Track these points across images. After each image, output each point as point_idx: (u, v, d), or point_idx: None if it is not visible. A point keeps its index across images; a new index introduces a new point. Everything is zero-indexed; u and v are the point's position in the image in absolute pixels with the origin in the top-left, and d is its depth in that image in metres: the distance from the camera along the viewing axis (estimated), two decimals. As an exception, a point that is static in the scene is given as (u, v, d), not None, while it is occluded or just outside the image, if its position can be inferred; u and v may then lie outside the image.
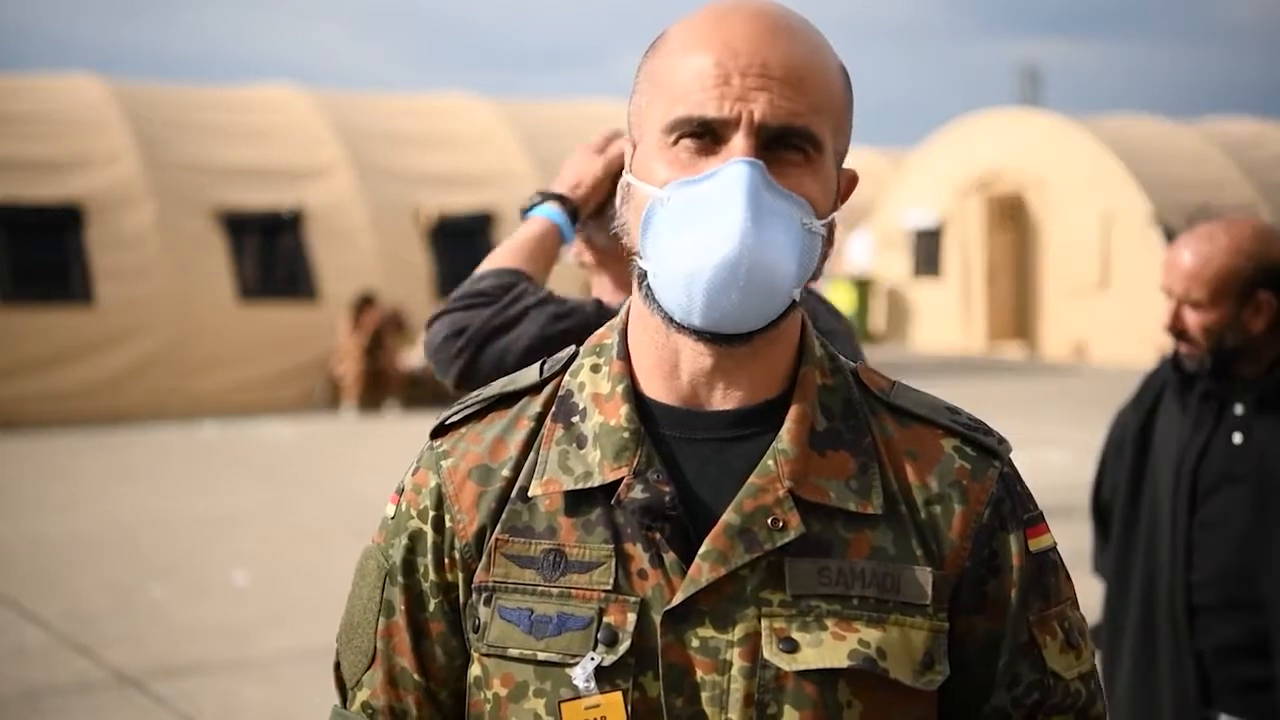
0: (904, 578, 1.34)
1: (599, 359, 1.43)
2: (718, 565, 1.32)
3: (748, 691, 1.31)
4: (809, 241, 1.33)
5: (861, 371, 1.45)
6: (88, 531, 9.79)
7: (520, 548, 1.37)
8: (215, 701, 6.12)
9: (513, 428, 1.43)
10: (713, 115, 1.31)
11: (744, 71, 1.31)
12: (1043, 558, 1.42)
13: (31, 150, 17.18)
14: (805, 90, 1.32)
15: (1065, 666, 1.41)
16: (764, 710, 1.31)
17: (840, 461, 1.37)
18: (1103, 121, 23.74)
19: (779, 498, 1.33)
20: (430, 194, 19.35)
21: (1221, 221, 3.05)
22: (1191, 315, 2.98)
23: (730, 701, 1.31)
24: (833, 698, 1.31)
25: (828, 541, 1.34)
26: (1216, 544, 3.00)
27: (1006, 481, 1.42)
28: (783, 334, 1.37)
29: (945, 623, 1.36)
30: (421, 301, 18.79)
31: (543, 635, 1.35)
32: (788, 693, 1.31)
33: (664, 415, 1.38)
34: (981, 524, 1.38)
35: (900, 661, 1.33)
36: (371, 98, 21.44)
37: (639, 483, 1.34)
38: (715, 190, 1.30)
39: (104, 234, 17.02)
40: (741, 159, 1.29)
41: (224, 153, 18.42)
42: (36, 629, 7.23)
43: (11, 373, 15.99)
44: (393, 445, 14.20)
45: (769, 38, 1.33)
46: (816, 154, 1.33)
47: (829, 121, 1.35)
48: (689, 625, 1.32)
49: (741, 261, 1.28)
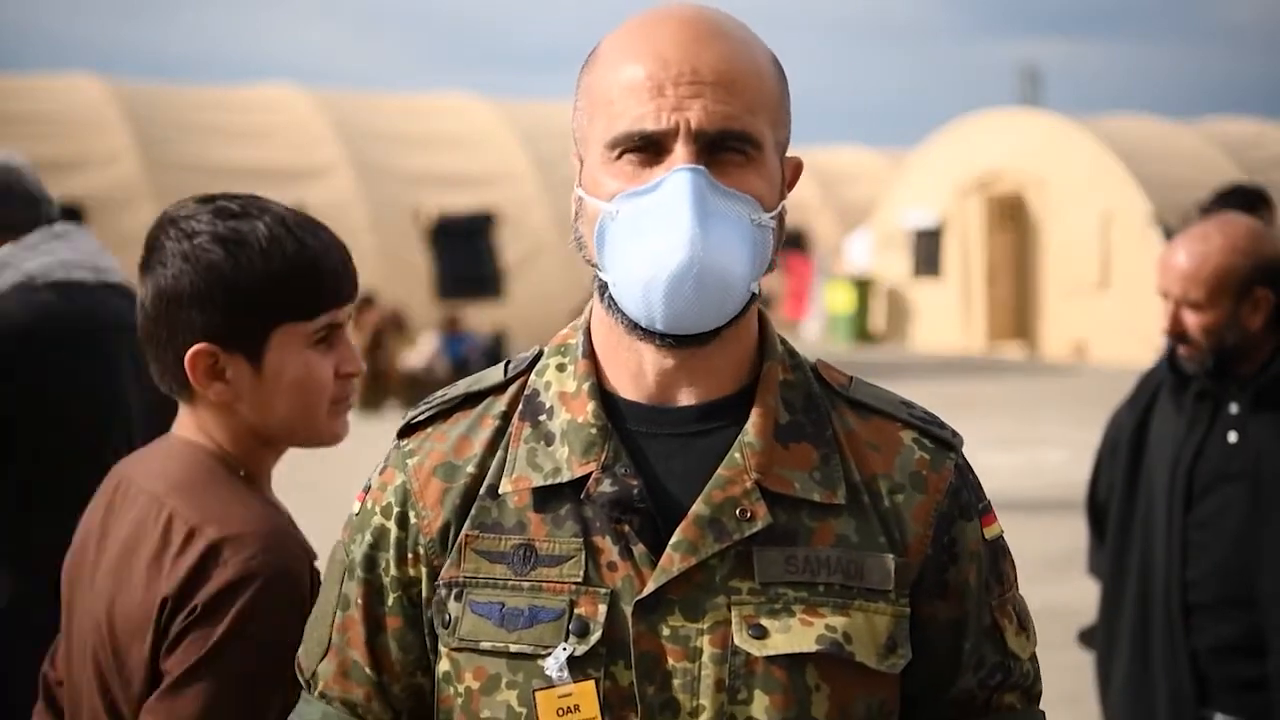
0: (867, 565, 1.39)
1: (564, 358, 1.46)
2: (688, 555, 1.35)
3: (718, 677, 1.35)
4: (760, 235, 1.37)
5: (821, 367, 1.49)
6: (88, 531, 9.78)
7: (490, 543, 1.40)
8: (215, 701, 6.11)
9: (477, 426, 1.46)
10: (651, 129, 1.34)
11: (676, 80, 1.34)
12: (996, 545, 1.48)
13: (31, 150, 17.12)
14: (738, 91, 1.35)
15: (1021, 648, 1.48)
16: (734, 695, 1.35)
17: (803, 453, 1.41)
18: (1103, 121, 23.76)
19: (746, 489, 1.37)
20: (430, 194, 19.38)
21: (1215, 221, 3.05)
22: (1191, 316, 2.99)
23: (701, 688, 1.35)
24: (801, 681, 1.36)
25: (794, 531, 1.38)
26: (1212, 543, 3.01)
27: (961, 472, 1.47)
28: (743, 330, 1.42)
29: (907, 608, 1.41)
30: (421, 301, 18.82)
31: (514, 628, 1.37)
32: (757, 677, 1.35)
33: (630, 412, 1.42)
34: (941, 512, 1.43)
35: (865, 645, 1.37)
36: (371, 98, 21.47)
37: (607, 477, 1.38)
38: (662, 199, 1.33)
39: (104, 234, 16.92)
40: (684, 166, 1.33)
41: (224, 153, 18.45)
42: (37, 629, 7.23)
43: (11, 373, 15.99)
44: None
45: (698, 43, 1.36)
46: (757, 152, 1.37)
47: (765, 117, 1.38)
48: (660, 615, 1.36)
49: (694, 265, 1.31)
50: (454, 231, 19.41)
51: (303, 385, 1.79)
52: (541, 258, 19.44)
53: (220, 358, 1.77)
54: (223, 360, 1.77)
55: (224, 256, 1.75)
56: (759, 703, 1.35)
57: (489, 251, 19.71)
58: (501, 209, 19.78)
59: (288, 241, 1.78)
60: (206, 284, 1.75)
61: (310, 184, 18.72)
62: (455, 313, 18.65)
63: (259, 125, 19.29)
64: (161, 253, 1.79)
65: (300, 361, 1.79)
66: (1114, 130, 23.14)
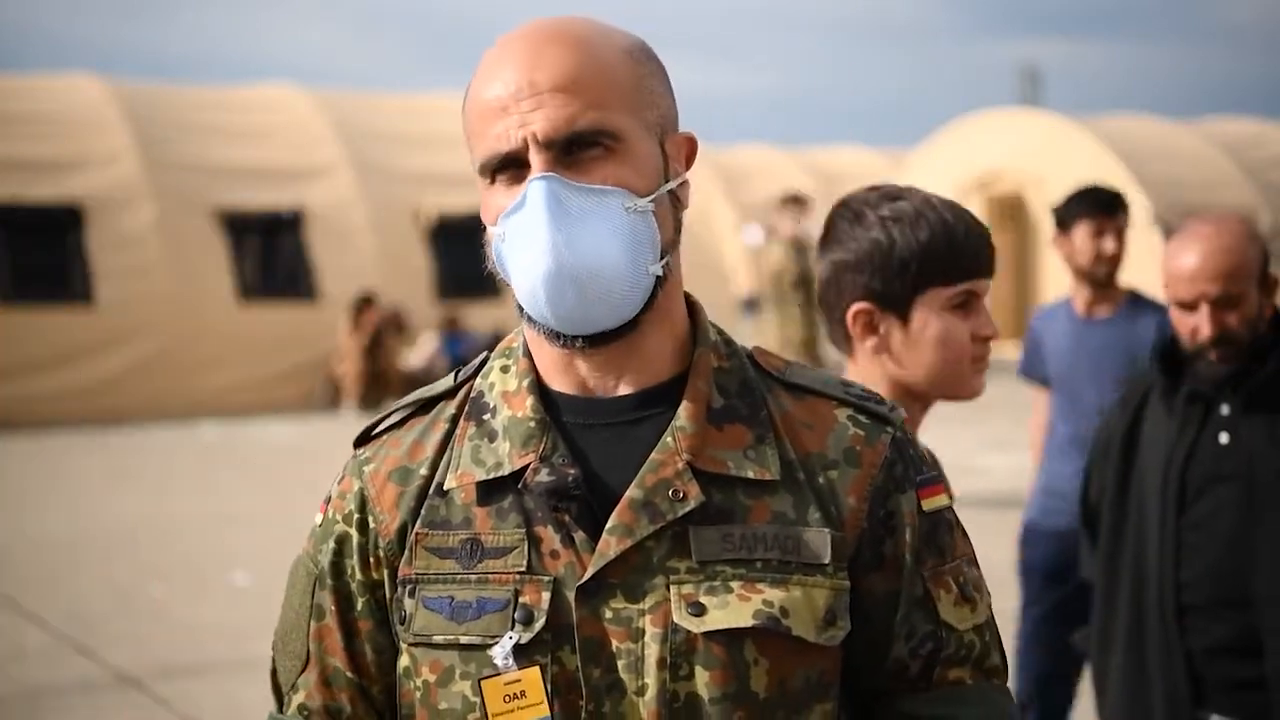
0: (804, 539, 1.42)
1: (508, 360, 1.52)
2: (624, 538, 1.40)
3: (660, 655, 1.39)
4: (640, 221, 1.41)
5: (757, 354, 1.53)
6: (88, 531, 9.81)
7: (439, 540, 1.45)
8: (215, 701, 6.13)
9: (429, 430, 1.51)
10: (505, 149, 1.41)
11: (517, 97, 1.40)
12: (936, 516, 1.50)
13: (31, 150, 17.19)
14: (582, 90, 1.39)
15: (959, 619, 1.49)
16: (676, 672, 1.39)
17: (737, 434, 1.45)
18: (1103, 121, 23.74)
19: (678, 470, 1.41)
20: (430, 194, 19.36)
21: (1202, 220, 3.05)
22: (1229, 315, 2.96)
23: (645, 667, 1.39)
24: (740, 656, 1.39)
25: (729, 510, 1.42)
26: (1206, 544, 3.01)
27: (899, 445, 1.49)
28: (665, 318, 1.46)
29: (846, 581, 1.44)
30: (421, 301, 18.80)
31: (464, 620, 1.42)
32: (698, 654, 1.39)
33: (567, 405, 1.47)
34: (876, 486, 1.46)
35: (803, 619, 1.41)
36: (371, 98, 21.45)
37: (544, 467, 1.42)
38: (526, 211, 1.39)
39: (104, 234, 17.02)
40: (535, 176, 1.39)
41: (224, 153, 18.43)
42: (37, 629, 7.24)
43: (12, 373, 16.00)
44: (393, 445, 14.18)
45: (533, 55, 1.41)
46: (616, 143, 1.40)
47: (621, 106, 1.41)
48: (601, 599, 1.40)
49: (559, 269, 1.37)
50: (454, 231, 19.38)
51: (943, 343, 2.10)
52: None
53: (875, 315, 2.13)
54: (877, 318, 2.13)
55: (883, 231, 2.10)
56: (700, 678, 1.38)
57: (489, 251, 19.69)
58: (501, 209, 19.77)
59: (935, 219, 2.08)
60: (868, 253, 2.10)
61: (310, 184, 18.71)
62: (455, 313, 18.65)
63: (259, 125, 19.27)
64: (835, 230, 2.17)
65: (941, 322, 2.10)
66: (1114, 130, 23.13)
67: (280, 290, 18.08)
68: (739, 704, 1.39)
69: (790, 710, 1.41)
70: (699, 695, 1.38)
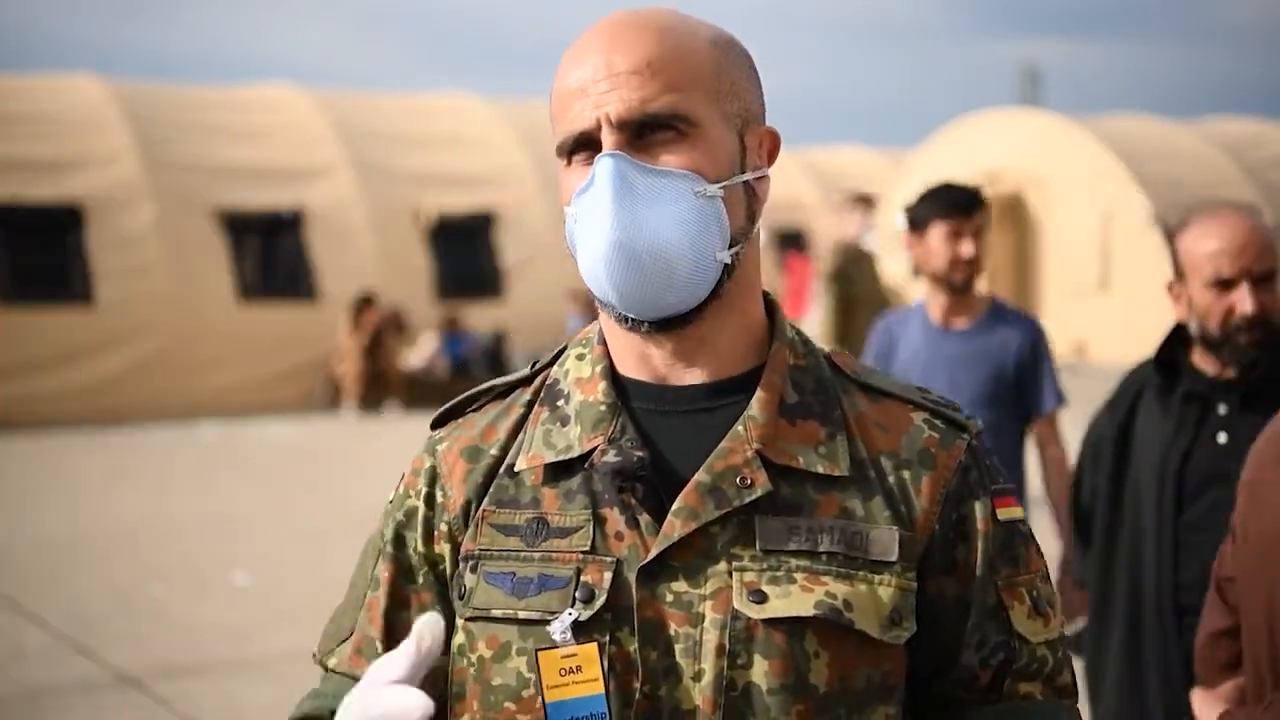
0: (871, 537, 1.41)
1: (583, 348, 1.53)
2: (689, 521, 1.39)
3: (719, 642, 1.37)
4: (708, 206, 1.41)
5: (835, 356, 1.53)
6: (88, 531, 9.80)
7: (506, 518, 1.46)
8: (215, 701, 6.13)
9: (504, 415, 1.53)
10: (581, 129, 1.41)
11: (595, 78, 1.41)
12: (1012, 527, 1.48)
13: (31, 150, 17.19)
14: (657, 74, 1.40)
15: (1032, 631, 1.47)
16: (734, 660, 1.37)
17: (809, 430, 1.45)
18: (1103, 121, 23.74)
19: (747, 458, 1.41)
20: (430, 194, 19.36)
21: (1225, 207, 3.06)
22: (1265, 293, 2.95)
23: (703, 652, 1.37)
24: (800, 647, 1.37)
25: (797, 503, 1.41)
26: (1204, 544, 3.00)
27: (974, 452, 1.48)
28: (737, 309, 1.47)
29: (913, 582, 1.42)
30: (421, 301, 18.80)
31: (524, 595, 1.42)
32: (757, 642, 1.37)
33: (638, 391, 1.48)
34: (949, 490, 1.45)
35: (867, 614, 1.39)
36: (371, 98, 21.44)
37: (612, 448, 1.43)
38: (594, 189, 1.40)
39: (104, 234, 17.02)
40: (604, 154, 1.39)
41: (224, 153, 18.43)
42: (37, 629, 7.24)
43: (11, 373, 16.00)
44: (393, 445, 14.20)
45: (613, 39, 1.42)
46: (690, 128, 1.41)
47: (698, 92, 1.41)
48: (663, 580, 1.39)
49: (620, 244, 1.38)
50: (454, 231, 19.39)
51: None
52: (541, 258, 19.43)
53: None
54: None
55: None
56: (759, 667, 1.37)
57: (489, 251, 19.70)
58: (501, 209, 19.76)
59: None
60: None
61: (310, 184, 18.71)
62: (455, 313, 18.65)
63: (259, 125, 19.27)
64: None
65: None
66: (1114, 130, 23.13)
67: (280, 290, 18.08)
68: (797, 696, 1.37)
69: (851, 708, 1.39)
70: (756, 685, 1.37)
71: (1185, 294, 3.03)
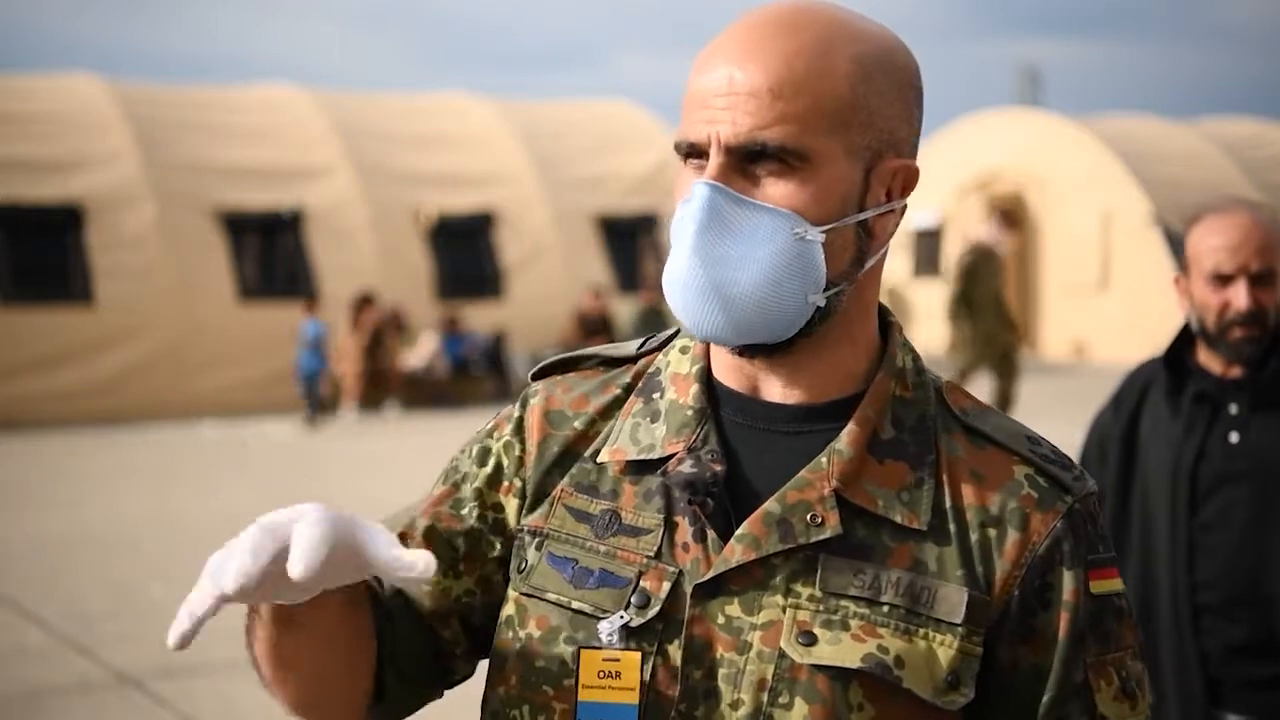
0: (939, 594, 1.33)
1: (690, 341, 1.48)
2: (749, 549, 1.34)
3: (762, 676, 1.32)
4: (804, 250, 1.32)
5: (948, 389, 1.44)
6: (88, 531, 9.80)
7: (582, 503, 1.43)
8: (215, 701, 6.12)
9: (600, 390, 1.49)
10: (693, 139, 1.35)
11: (715, 91, 1.33)
12: (1105, 601, 1.38)
13: (31, 150, 17.19)
14: (778, 100, 1.31)
15: (1118, 715, 1.37)
16: (775, 697, 1.32)
17: (898, 472, 1.37)
18: (1103, 121, 23.75)
19: (823, 495, 1.34)
20: (430, 194, 19.36)
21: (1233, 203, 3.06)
22: (1263, 291, 2.94)
23: (744, 682, 1.33)
24: (843, 698, 1.31)
25: (869, 547, 1.34)
26: (1220, 544, 2.99)
27: (1074, 518, 1.38)
28: (828, 344, 1.39)
29: (978, 646, 1.34)
30: (421, 301, 18.80)
31: (581, 586, 1.39)
32: (801, 685, 1.32)
33: (730, 400, 1.42)
34: (1037, 555, 1.35)
35: (920, 674, 1.32)
36: (371, 98, 21.44)
37: (690, 458, 1.38)
38: (688, 211, 1.34)
39: (104, 234, 17.03)
40: (702, 181, 1.33)
41: (224, 153, 18.43)
42: (36, 629, 7.24)
43: (11, 373, 16.00)
44: (392, 445, 14.20)
45: (743, 50, 1.33)
46: (801, 162, 1.32)
47: (820, 124, 1.32)
48: (717, 601, 1.34)
49: (691, 279, 1.32)
50: (454, 231, 19.39)
51: None
52: (541, 258, 19.43)
53: None
54: None
55: None
56: (799, 710, 1.31)
57: (489, 251, 19.70)
58: (501, 209, 19.76)
59: None
60: None
61: (310, 184, 18.71)
62: (455, 313, 18.65)
63: (259, 125, 19.26)
64: None
65: None
66: (1114, 130, 23.14)
67: (280, 290, 18.08)
68: None
69: None
70: None
71: (1189, 288, 3.04)
